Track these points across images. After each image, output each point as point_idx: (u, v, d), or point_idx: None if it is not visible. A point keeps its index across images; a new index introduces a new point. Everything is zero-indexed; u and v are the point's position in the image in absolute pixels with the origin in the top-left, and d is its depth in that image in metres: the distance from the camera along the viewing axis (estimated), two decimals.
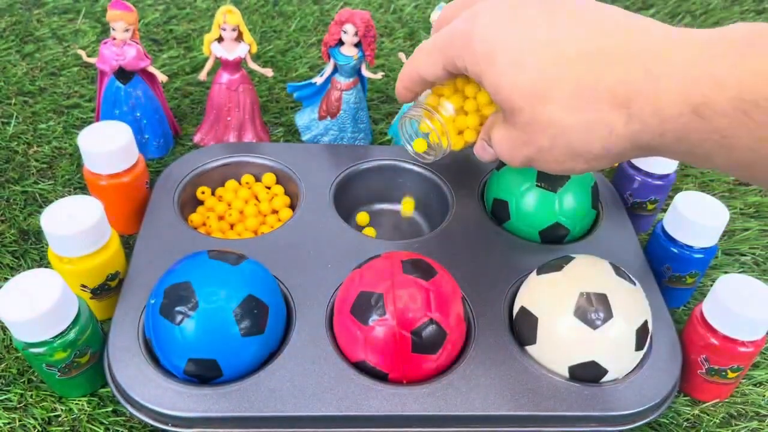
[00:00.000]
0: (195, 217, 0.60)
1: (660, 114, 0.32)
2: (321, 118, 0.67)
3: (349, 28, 0.61)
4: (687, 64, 0.31)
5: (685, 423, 0.50)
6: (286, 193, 0.64)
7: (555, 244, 0.58)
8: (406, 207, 0.65)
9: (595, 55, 0.34)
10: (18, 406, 0.48)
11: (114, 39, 0.62)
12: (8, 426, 0.46)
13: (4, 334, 0.52)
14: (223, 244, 0.56)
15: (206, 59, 0.66)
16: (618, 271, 0.48)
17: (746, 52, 0.30)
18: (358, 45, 0.63)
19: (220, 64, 0.65)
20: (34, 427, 0.46)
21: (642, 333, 0.46)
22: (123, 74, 0.63)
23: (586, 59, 0.34)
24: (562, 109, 0.35)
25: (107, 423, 0.47)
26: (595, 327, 0.45)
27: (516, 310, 0.50)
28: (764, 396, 0.52)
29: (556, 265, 0.49)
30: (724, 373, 0.49)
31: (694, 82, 0.31)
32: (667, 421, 0.50)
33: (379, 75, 0.66)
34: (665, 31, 0.34)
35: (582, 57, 0.34)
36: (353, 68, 0.64)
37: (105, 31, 0.85)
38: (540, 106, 0.36)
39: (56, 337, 0.44)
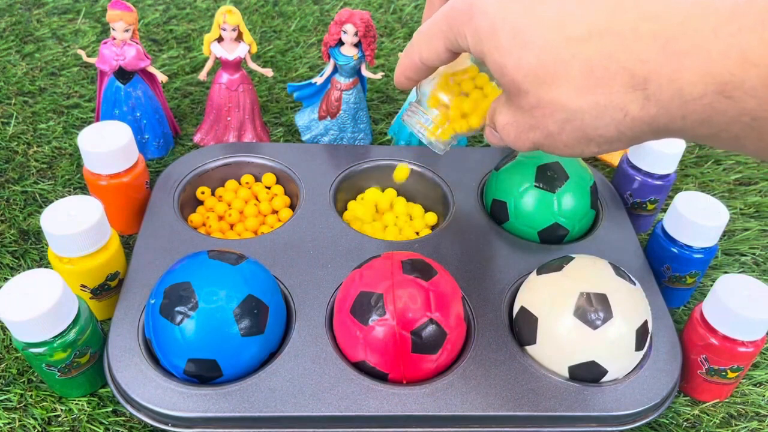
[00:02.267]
0: (195, 217, 0.60)
1: (681, 95, 0.29)
2: (321, 118, 0.67)
3: (349, 28, 0.61)
4: (710, 38, 0.28)
5: (685, 423, 0.50)
6: (286, 193, 0.64)
7: (554, 244, 0.58)
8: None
9: (606, 31, 0.31)
10: (18, 406, 0.48)
11: (114, 39, 0.62)
12: (8, 426, 0.46)
13: (4, 334, 0.52)
14: (223, 244, 0.56)
15: (206, 59, 0.66)
16: (618, 271, 0.48)
17: None
18: (358, 45, 0.63)
19: (220, 64, 0.65)
20: (34, 427, 0.46)
21: (642, 333, 0.46)
22: (123, 74, 0.63)
23: (597, 37, 0.32)
24: (570, 91, 0.33)
25: (107, 423, 0.47)
26: (595, 327, 0.45)
27: (516, 310, 0.50)
28: (764, 396, 0.52)
29: (556, 265, 0.49)
30: (724, 373, 0.49)
31: (719, 59, 0.28)
32: (667, 421, 0.50)
33: (379, 75, 0.66)
34: (683, 0, 0.30)
35: (592, 34, 0.32)
36: (353, 68, 0.64)
37: (105, 31, 0.85)
38: (547, 88, 0.33)
39: (56, 337, 0.44)
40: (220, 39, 0.64)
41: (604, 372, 0.46)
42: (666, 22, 0.30)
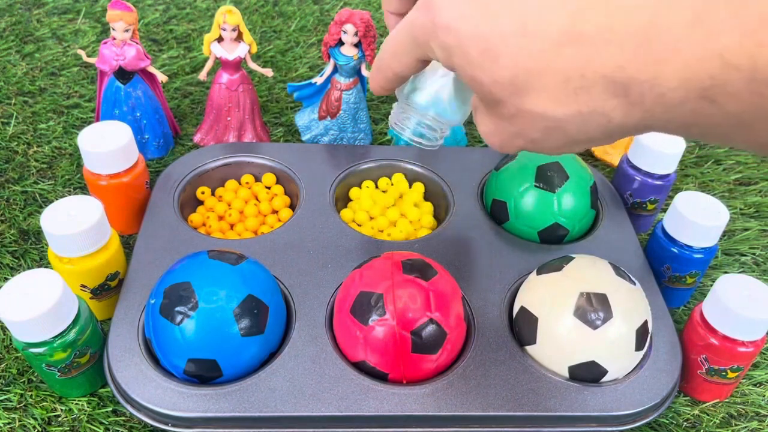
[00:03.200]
0: (195, 217, 0.60)
1: (663, 101, 0.28)
2: (321, 118, 0.67)
3: (349, 28, 0.61)
4: (687, 38, 0.26)
5: (685, 423, 0.50)
6: (286, 193, 0.64)
7: (554, 244, 0.58)
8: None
9: (578, 36, 0.30)
10: (18, 406, 0.48)
11: (114, 39, 0.62)
12: (8, 426, 0.46)
13: (4, 334, 0.52)
14: (223, 244, 0.56)
15: (206, 59, 0.66)
16: (618, 271, 0.48)
17: (752, 16, 0.25)
18: (358, 45, 0.63)
19: (220, 64, 0.65)
20: (34, 427, 0.46)
21: (642, 333, 0.46)
22: (123, 74, 0.63)
23: (569, 43, 0.30)
24: (549, 101, 0.31)
25: (107, 423, 0.47)
26: (595, 327, 0.45)
27: (516, 310, 0.50)
28: (764, 396, 0.52)
29: (556, 265, 0.49)
30: (724, 373, 0.49)
31: (698, 62, 0.26)
32: (667, 421, 0.50)
33: None
34: None
35: (564, 41, 0.30)
36: (353, 68, 0.64)
37: (105, 31, 0.85)
38: (524, 99, 0.32)
39: (56, 337, 0.44)
40: (220, 39, 0.64)
41: (604, 372, 0.46)
42: (638, 22, 0.28)
